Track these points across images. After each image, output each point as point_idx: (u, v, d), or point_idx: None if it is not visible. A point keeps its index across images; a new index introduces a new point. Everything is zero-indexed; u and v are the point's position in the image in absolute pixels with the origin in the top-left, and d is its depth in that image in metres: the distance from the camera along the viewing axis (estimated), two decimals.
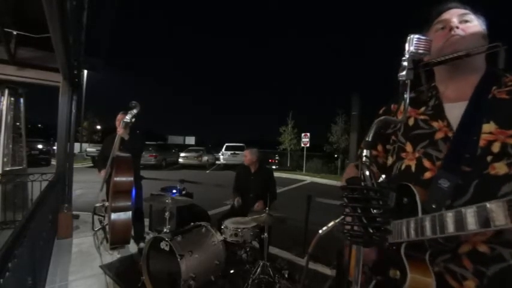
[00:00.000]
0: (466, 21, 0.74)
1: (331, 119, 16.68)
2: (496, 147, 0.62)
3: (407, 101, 0.64)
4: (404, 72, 0.65)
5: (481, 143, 0.64)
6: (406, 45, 0.67)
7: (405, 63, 0.65)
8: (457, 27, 0.73)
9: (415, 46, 0.66)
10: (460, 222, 0.54)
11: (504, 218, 0.48)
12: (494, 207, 0.49)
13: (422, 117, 0.77)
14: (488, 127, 0.65)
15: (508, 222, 0.47)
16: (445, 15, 0.77)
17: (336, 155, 16.38)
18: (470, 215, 0.52)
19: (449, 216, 0.56)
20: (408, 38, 0.67)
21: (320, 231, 0.84)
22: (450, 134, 0.70)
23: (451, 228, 0.55)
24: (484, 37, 0.75)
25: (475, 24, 0.74)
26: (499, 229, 0.50)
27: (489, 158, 0.63)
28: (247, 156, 3.04)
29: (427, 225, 0.60)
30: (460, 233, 0.54)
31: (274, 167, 15.51)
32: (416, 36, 0.67)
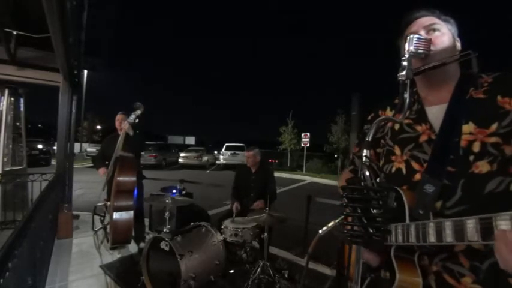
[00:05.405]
0: (435, 30, 0.74)
1: (331, 119, 16.68)
2: (476, 147, 0.64)
3: (407, 100, 0.64)
4: (404, 72, 0.65)
5: (463, 143, 0.66)
6: (406, 45, 0.67)
7: (405, 63, 0.66)
8: None
9: (414, 46, 0.66)
10: (439, 233, 0.55)
11: (476, 234, 0.49)
12: (468, 223, 0.51)
13: (406, 121, 0.79)
14: (468, 128, 0.66)
15: (480, 239, 0.48)
16: (413, 28, 0.77)
17: (336, 155, 16.37)
18: (448, 228, 0.54)
19: (431, 227, 0.57)
20: (408, 38, 0.67)
21: (320, 231, 0.84)
22: (433, 137, 0.71)
23: (432, 238, 0.57)
24: (454, 42, 0.75)
25: (443, 32, 0.74)
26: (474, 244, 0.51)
27: (471, 158, 0.64)
28: (250, 158, 2.98)
29: (413, 232, 0.61)
30: (440, 243, 0.55)
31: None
32: (416, 36, 0.67)
